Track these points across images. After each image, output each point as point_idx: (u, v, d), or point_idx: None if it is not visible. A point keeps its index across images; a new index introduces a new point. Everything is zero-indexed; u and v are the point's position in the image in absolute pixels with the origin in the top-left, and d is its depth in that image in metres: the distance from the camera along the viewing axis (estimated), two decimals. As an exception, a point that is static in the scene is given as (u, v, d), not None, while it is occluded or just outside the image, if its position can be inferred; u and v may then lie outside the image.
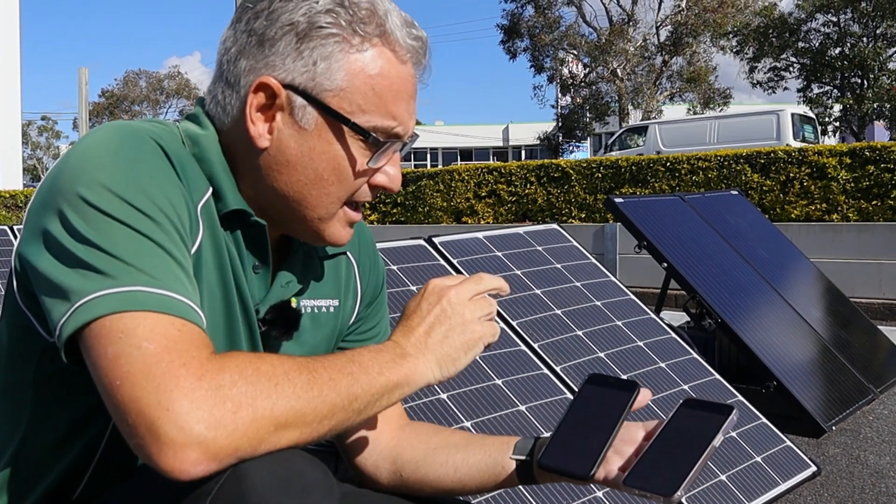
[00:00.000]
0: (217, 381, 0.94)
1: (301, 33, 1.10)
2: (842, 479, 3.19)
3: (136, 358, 0.93)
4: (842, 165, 9.23)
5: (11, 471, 1.15)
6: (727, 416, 1.15)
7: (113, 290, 0.96)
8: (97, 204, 1.00)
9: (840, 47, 28.09)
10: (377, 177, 1.18)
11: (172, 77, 54.37)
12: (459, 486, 1.33)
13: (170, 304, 0.98)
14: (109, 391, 0.94)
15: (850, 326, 4.78)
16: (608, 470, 1.18)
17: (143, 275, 0.98)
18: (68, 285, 0.98)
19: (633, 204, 4.38)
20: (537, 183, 11.39)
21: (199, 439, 0.90)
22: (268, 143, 1.13)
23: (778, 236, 5.17)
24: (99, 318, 0.95)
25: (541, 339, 2.93)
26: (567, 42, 30.85)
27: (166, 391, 0.91)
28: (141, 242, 1.00)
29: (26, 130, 50.83)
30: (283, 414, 0.96)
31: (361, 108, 1.12)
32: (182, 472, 0.90)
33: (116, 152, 1.05)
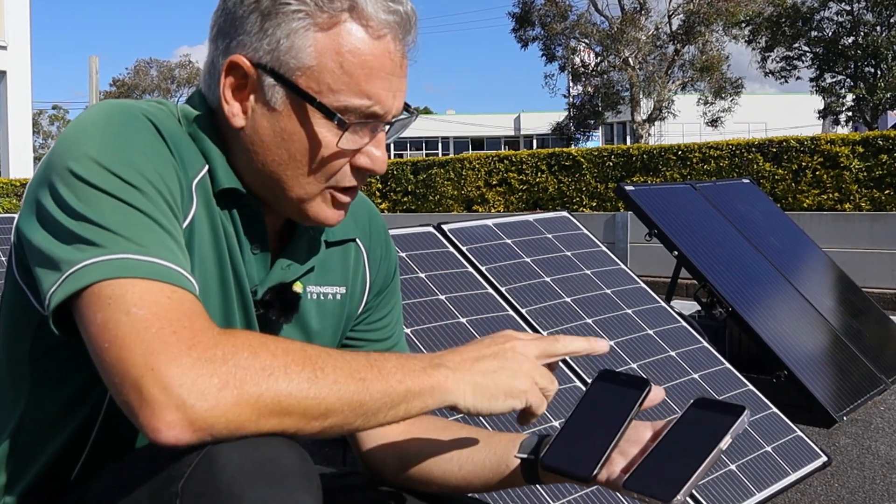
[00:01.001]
0: (208, 355, 0.92)
1: (265, 10, 1.08)
2: (852, 470, 3.17)
3: (124, 323, 0.93)
4: (854, 155, 9.17)
5: (10, 447, 1.15)
6: (737, 418, 1.11)
7: (101, 258, 0.96)
8: (85, 176, 1.00)
9: (853, 36, 27.90)
10: (359, 158, 1.13)
11: (183, 66, 54.43)
12: (464, 484, 1.31)
13: (159, 270, 0.97)
14: (98, 354, 0.94)
15: (862, 316, 4.76)
16: (611, 471, 1.14)
17: (130, 243, 0.97)
18: (59, 256, 0.98)
19: (644, 192, 4.36)
20: (548, 171, 11.36)
21: (177, 403, 0.89)
22: (243, 123, 1.12)
23: (790, 225, 5.14)
24: (88, 286, 0.95)
25: (550, 326, 2.91)
26: (579, 31, 30.71)
27: (153, 354, 0.91)
28: (128, 212, 0.99)
29: (37, 120, 51.01)
30: (268, 404, 0.93)
31: (330, 87, 1.08)
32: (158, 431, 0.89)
33: (105, 127, 1.05)
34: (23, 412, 1.14)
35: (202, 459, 0.91)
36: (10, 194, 14.94)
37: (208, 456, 0.91)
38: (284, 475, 0.93)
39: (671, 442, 1.13)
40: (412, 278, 2.78)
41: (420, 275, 2.81)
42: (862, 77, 27.87)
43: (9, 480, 1.14)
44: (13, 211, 14.32)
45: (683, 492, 1.06)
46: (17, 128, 19.89)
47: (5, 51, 19.42)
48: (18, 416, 1.14)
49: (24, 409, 1.14)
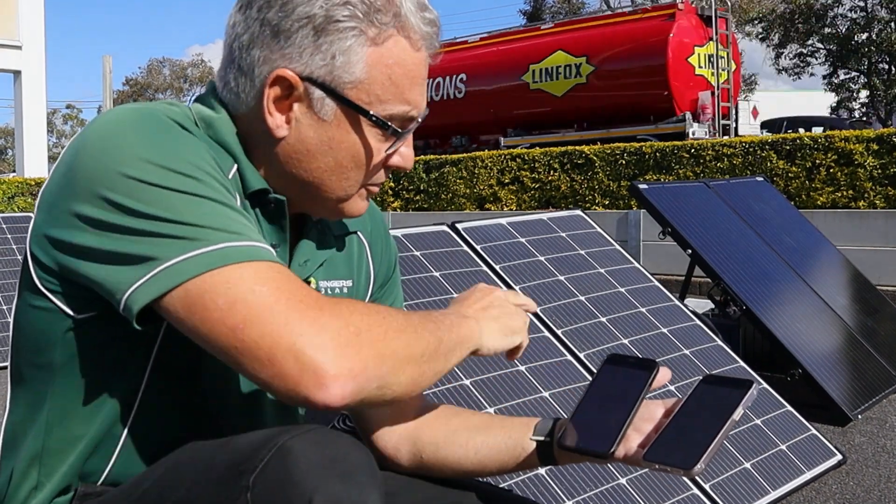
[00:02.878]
0: (337, 310, 1.01)
1: (319, 27, 1.10)
2: (867, 468, 3.16)
3: (253, 301, 0.98)
4: (868, 152, 9.13)
5: (33, 453, 1.15)
6: (747, 390, 1.15)
7: (201, 251, 0.99)
8: (143, 178, 1.01)
9: (867, 32, 27.77)
10: (393, 158, 1.20)
11: (195, 65, 54.59)
12: (480, 468, 1.33)
13: (259, 252, 1.02)
14: (230, 336, 0.99)
15: (877, 314, 4.74)
16: (628, 448, 1.18)
17: (222, 232, 1.01)
18: (138, 253, 1.00)
19: (658, 190, 4.36)
20: (561, 170, 11.34)
21: (334, 359, 0.97)
22: (286, 133, 1.14)
23: (803, 223, 5.13)
24: (192, 279, 0.99)
25: (564, 325, 2.92)
26: (590, 28, 30.66)
27: (295, 321, 0.98)
28: (200, 203, 1.02)
29: (51, 119, 51.22)
30: (393, 342, 1.03)
31: (379, 98, 1.13)
32: (326, 389, 0.97)
33: (140, 128, 1.05)
34: (49, 415, 1.14)
35: (275, 454, 0.93)
36: (25, 193, 15.00)
37: (281, 451, 0.93)
38: (354, 471, 0.95)
39: (685, 416, 1.17)
40: (426, 277, 2.79)
41: (434, 273, 2.82)
42: (876, 73, 27.73)
43: (45, 481, 1.14)
44: (28, 209, 14.39)
45: (703, 460, 1.09)
46: (32, 127, 19.97)
47: (20, 51, 19.50)
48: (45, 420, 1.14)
49: (50, 412, 1.14)
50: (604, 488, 2.35)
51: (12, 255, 5.79)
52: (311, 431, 0.96)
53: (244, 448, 0.97)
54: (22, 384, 1.16)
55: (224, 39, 1.19)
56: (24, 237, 5.95)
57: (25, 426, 1.16)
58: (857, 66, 28.38)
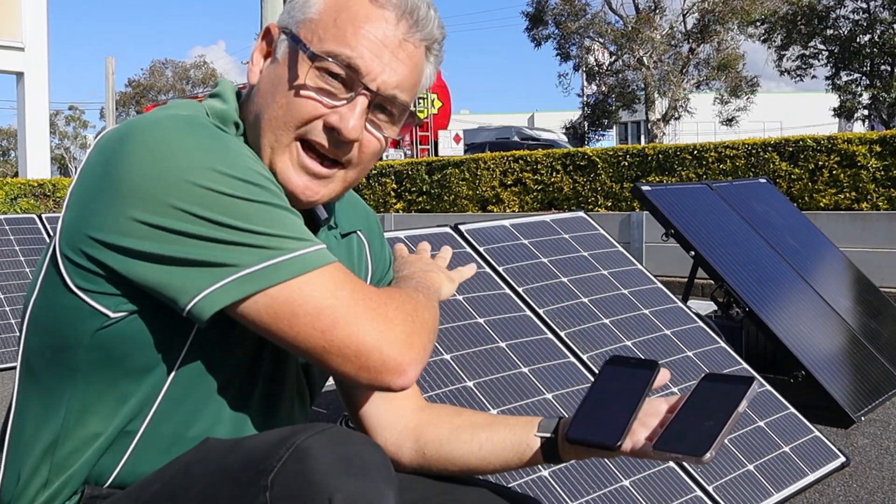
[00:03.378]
0: (394, 304, 1.15)
1: None
2: (871, 470, 3.16)
3: (337, 307, 1.10)
4: (871, 153, 9.12)
5: (44, 454, 1.14)
6: (749, 386, 1.18)
7: (280, 259, 1.07)
8: (214, 187, 1.05)
9: (870, 34, 27.73)
10: (331, 116, 1.18)
11: (198, 67, 54.59)
12: (483, 465, 1.34)
13: (326, 256, 1.12)
14: (320, 338, 1.10)
15: (880, 316, 4.73)
16: (635, 441, 1.20)
17: (294, 240, 1.09)
18: (213, 260, 1.05)
19: (661, 192, 4.35)
20: (563, 171, 11.34)
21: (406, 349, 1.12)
22: (256, 79, 1.23)
23: (806, 225, 5.12)
24: (275, 286, 1.07)
25: (567, 327, 2.92)
26: (593, 30, 30.62)
27: (371, 321, 1.11)
28: (270, 211, 1.08)
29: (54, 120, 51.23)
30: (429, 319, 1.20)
31: (320, 37, 1.18)
32: (404, 375, 1.12)
33: (193, 135, 1.08)
34: (66, 416, 1.14)
35: (293, 454, 0.95)
36: (28, 194, 15.00)
37: (298, 451, 0.95)
38: (371, 469, 0.97)
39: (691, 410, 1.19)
40: (430, 278, 2.79)
41: (437, 275, 2.82)
42: (878, 75, 27.70)
43: (46, 482, 1.14)
44: (30, 211, 14.39)
45: (714, 447, 1.12)
46: (35, 128, 19.98)
47: (23, 52, 19.52)
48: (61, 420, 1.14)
49: (67, 413, 1.13)
50: (607, 490, 2.35)
51: (15, 255, 5.79)
52: (326, 431, 0.98)
53: (260, 448, 0.98)
54: (36, 383, 1.16)
55: None
56: (26, 238, 5.96)
57: (37, 425, 1.15)
58: (859, 68, 28.35)
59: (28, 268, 5.75)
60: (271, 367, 1.23)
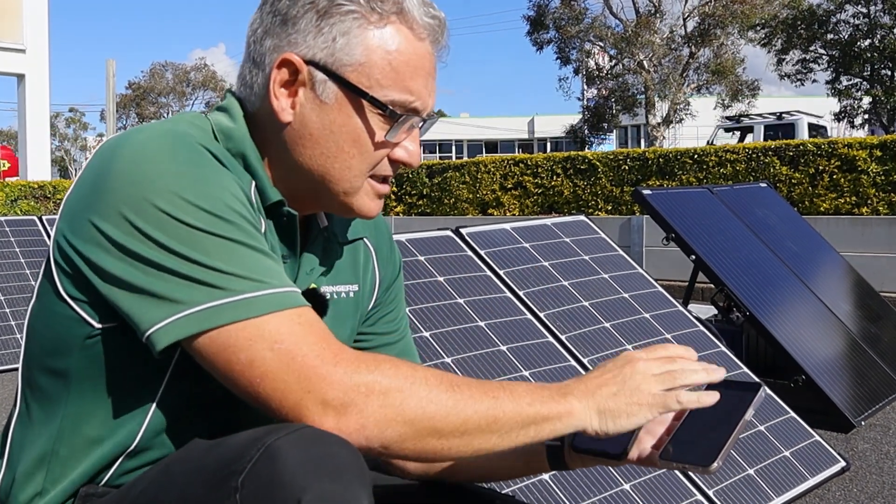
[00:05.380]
0: (353, 368, 1.03)
1: (321, 10, 1.14)
2: (871, 475, 3.16)
3: (270, 360, 1.02)
4: (872, 158, 9.12)
5: (40, 460, 1.15)
6: (755, 392, 1.17)
7: (226, 301, 1.02)
8: (176, 215, 1.03)
9: (870, 39, 27.75)
10: (396, 151, 1.20)
11: (199, 69, 54.61)
12: (489, 471, 1.35)
13: (280, 299, 1.04)
14: (249, 388, 1.04)
15: (880, 321, 4.74)
16: (641, 449, 1.20)
17: (247, 281, 1.04)
18: (161, 293, 1.02)
19: (661, 196, 4.36)
20: (564, 175, 11.35)
21: (332, 417, 1.01)
22: (290, 118, 1.16)
23: (807, 229, 5.12)
24: (218, 328, 1.02)
25: (568, 330, 2.92)
26: (593, 34, 30.64)
27: (306, 379, 1.02)
28: (230, 248, 1.04)
29: (54, 122, 51.27)
30: (412, 411, 1.03)
31: (379, 82, 1.15)
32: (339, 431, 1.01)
33: (173, 157, 1.06)
34: (62, 421, 1.14)
35: (263, 454, 0.94)
36: (28, 196, 15.00)
37: (269, 451, 0.94)
38: (342, 470, 0.95)
39: (697, 418, 1.19)
40: (431, 282, 2.79)
41: (438, 278, 2.82)
42: (879, 80, 27.72)
43: (50, 486, 1.14)
44: (31, 213, 14.39)
45: (720, 457, 1.11)
46: (35, 130, 19.97)
47: (24, 54, 19.52)
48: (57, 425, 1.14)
49: (63, 418, 1.13)
50: (608, 494, 2.35)
51: (15, 258, 5.79)
52: (298, 430, 0.97)
53: (233, 449, 0.97)
54: (34, 388, 1.16)
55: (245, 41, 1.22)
56: (27, 240, 5.96)
57: (35, 430, 1.16)
58: (860, 73, 28.38)
59: (28, 269, 5.75)
60: None
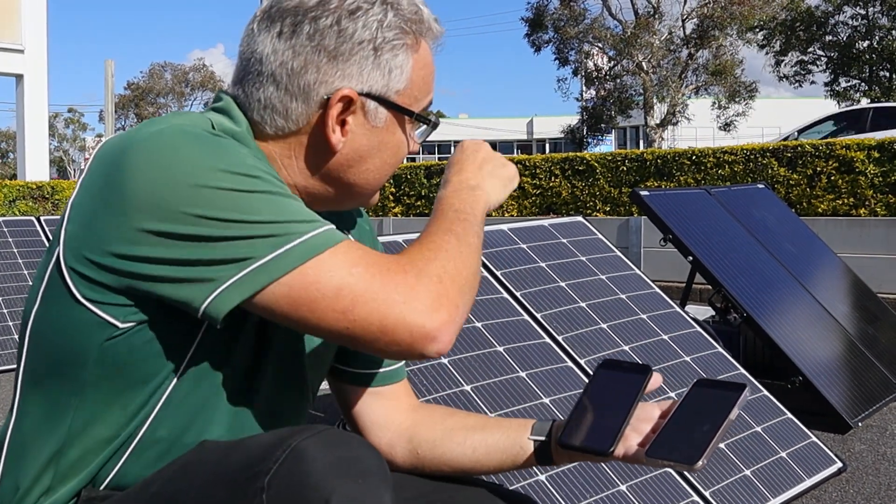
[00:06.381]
0: (417, 267, 1.10)
1: (378, 46, 1.19)
2: (868, 476, 3.16)
3: (353, 285, 1.07)
4: (870, 160, 9.13)
5: (47, 464, 1.14)
6: (740, 392, 1.18)
7: (291, 245, 1.06)
8: (220, 185, 1.05)
9: (868, 40, 27.80)
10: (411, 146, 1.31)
11: (197, 70, 54.65)
12: (477, 466, 1.35)
13: (336, 234, 1.10)
14: (342, 319, 1.07)
15: (878, 322, 4.74)
16: (627, 446, 1.21)
17: (302, 223, 1.08)
18: (226, 256, 1.04)
19: (659, 197, 4.36)
20: (562, 176, 11.35)
21: (433, 314, 1.07)
22: (342, 146, 1.22)
23: (805, 231, 5.13)
24: (290, 271, 1.05)
25: (565, 331, 2.92)
26: (592, 35, 30.68)
27: (392, 292, 1.06)
28: (275, 201, 1.08)
29: (53, 123, 51.27)
30: (463, 269, 1.14)
31: (416, 98, 1.25)
32: (438, 345, 1.08)
33: (194, 141, 1.08)
34: (69, 428, 1.13)
35: (289, 456, 0.95)
36: (27, 197, 14.99)
37: (295, 452, 0.95)
38: (368, 471, 0.97)
39: (683, 416, 1.20)
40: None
41: (436, 279, 2.82)
42: (877, 81, 27.75)
43: (49, 488, 1.14)
44: (29, 213, 14.38)
45: (705, 455, 1.13)
46: (34, 130, 19.96)
47: (22, 54, 19.51)
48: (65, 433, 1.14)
49: (70, 424, 1.13)
50: (604, 494, 2.35)
51: (13, 258, 5.78)
52: (322, 432, 0.98)
53: (257, 449, 0.98)
54: (39, 393, 1.16)
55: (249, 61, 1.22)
56: (25, 241, 5.95)
57: (39, 433, 1.15)
58: (858, 74, 28.40)
59: (26, 270, 5.74)
60: (270, 369, 1.23)
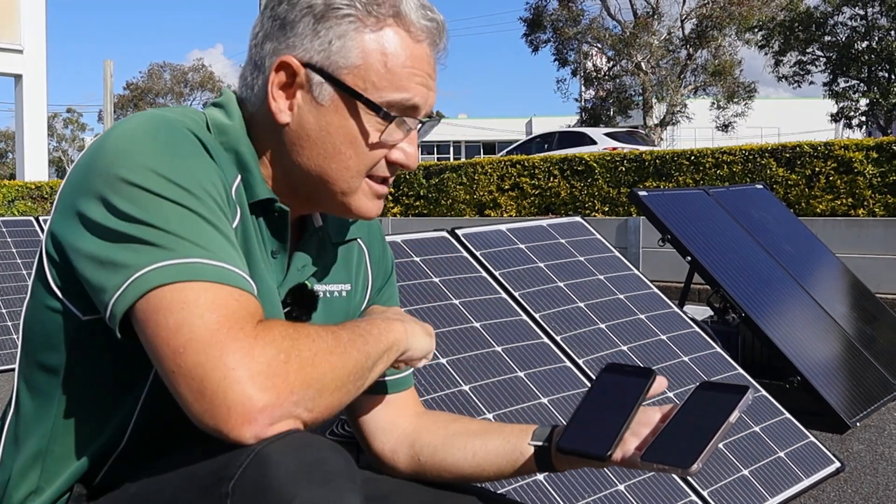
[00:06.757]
0: (268, 339, 0.99)
1: (318, 14, 1.16)
2: (866, 476, 3.17)
3: (198, 327, 0.98)
4: (868, 160, 9.13)
5: (35, 457, 1.15)
6: (742, 395, 1.17)
7: (171, 262, 1.00)
8: (143, 184, 1.03)
9: (867, 41, 27.82)
10: (394, 153, 1.21)
11: (196, 70, 54.62)
12: (478, 472, 1.35)
13: (227, 275, 1.02)
14: (171, 358, 0.98)
15: (876, 322, 4.74)
16: (625, 450, 1.20)
17: (198, 248, 1.02)
18: (120, 260, 1.01)
19: (658, 197, 4.36)
20: (560, 176, 11.35)
21: (261, 393, 0.96)
22: (288, 119, 1.18)
23: (803, 231, 5.13)
24: (157, 288, 0.99)
25: (563, 331, 2.92)
26: (591, 35, 30.68)
27: (228, 353, 0.96)
28: (190, 217, 1.03)
29: (52, 123, 51.25)
30: (321, 366, 1.02)
31: (375, 84, 1.16)
32: (248, 425, 0.96)
33: (155, 137, 1.08)
34: (54, 420, 1.14)
35: (253, 460, 0.94)
36: (25, 197, 14.99)
37: (259, 457, 0.94)
38: (333, 476, 0.96)
39: (682, 420, 1.19)
40: (426, 283, 2.80)
41: (434, 279, 2.83)
42: (876, 82, 27.76)
43: (44, 485, 1.15)
44: (28, 213, 14.38)
45: (700, 459, 1.11)
46: (33, 131, 19.96)
47: (21, 55, 19.51)
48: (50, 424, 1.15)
49: (56, 417, 1.14)
50: (602, 494, 2.35)
51: (12, 258, 5.78)
52: (288, 437, 0.97)
53: (224, 454, 0.97)
54: (30, 385, 1.17)
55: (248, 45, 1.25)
56: (23, 241, 5.96)
57: (30, 428, 1.16)
58: (857, 75, 28.42)
59: (25, 270, 5.75)
60: None
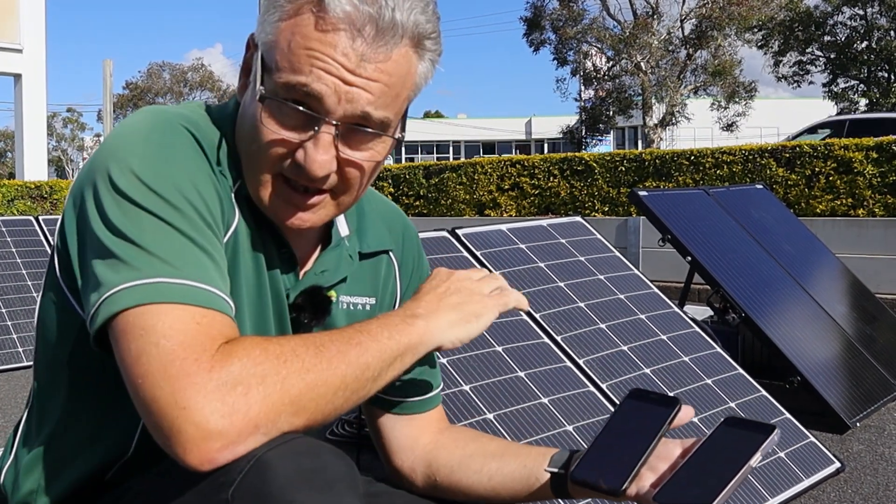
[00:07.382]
0: (227, 370, 0.95)
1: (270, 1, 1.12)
2: (866, 476, 3.16)
3: (154, 356, 0.96)
4: (868, 160, 9.13)
5: (45, 451, 1.16)
6: (767, 436, 1.12)
7: (137, 283, 0.98)
8: (125, 191, 1.03)
9: (867, 41, 27.82)
10: (297, 154, 1.09)
11: (195, 69, 54.60)
12: (492, 495, 1.32)
13: (191, 293, 1.00)
14: (133, 389, 0.97)
15: (876, 322, 4.74)
16: (640, 486, 1.16)
17: (165, 265, 1.00)
18: (99, 275, 1.01)
19: (658, 197, 4.36)
20: (560, 176, 11.35)
21: (217, 429, 0.93)
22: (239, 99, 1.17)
23: (803, 231, 5.13)
24: (123, 311, 0.98)
25: (564, 331, 2.92)
26: (591, 35, 30.68)
27: (181, 390, 0.94)
28: (165, 231, 1.02)
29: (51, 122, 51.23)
30: (294, 388, 0.98)
31: (278, 64, 1.07)
32: (207, 463, 0.93)
33: (147, 138, 1.07)
34: (59, 418, 1.15)
35: (253, 467, 0.93)
36: (25, 196, 14.98)
37: (259, 464, 0.93)
38: (333, 482, 0.95)
39: (701, 458, 1.14)
40: (427, 283, 2.79)
41: (434, 279, 2.82)
42: (875, 82, 27.76)
43: (45, 483, 1.16)
44: (28, 213, 14.37)
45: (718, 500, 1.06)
46: (32, 130, 19.95)
47: (21, 54, 19.50)
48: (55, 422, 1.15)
49: (60, 415, 1.15)
50: (602, 494, 2.35)
51: (12, 258, 5.78)
52: (289, 443, 0.96)
53: None
54: (41, 384, 1.18)
55: None
56: (24, 241, 5.95)
57: (38, 426, 1.17)
58: (856, 75, 28.42)
59: (24, 270, 5.74)
60: None
